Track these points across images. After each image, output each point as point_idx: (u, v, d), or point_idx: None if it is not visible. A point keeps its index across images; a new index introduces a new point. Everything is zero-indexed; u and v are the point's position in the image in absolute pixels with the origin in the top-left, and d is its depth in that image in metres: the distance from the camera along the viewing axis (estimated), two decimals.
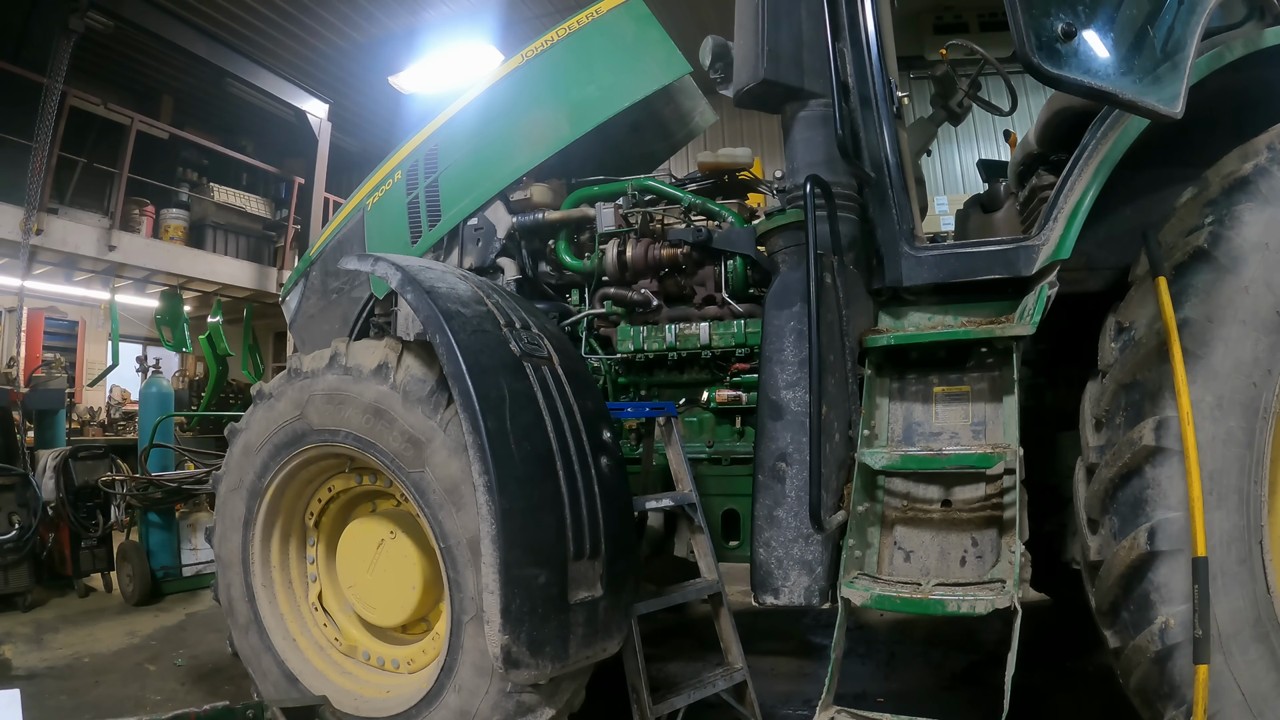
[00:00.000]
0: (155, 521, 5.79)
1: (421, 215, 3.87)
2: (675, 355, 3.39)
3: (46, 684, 3.88)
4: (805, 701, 3.38)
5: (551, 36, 3.73)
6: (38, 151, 8.60)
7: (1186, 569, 2.02)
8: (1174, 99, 2.04)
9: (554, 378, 2.53)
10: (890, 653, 4.14)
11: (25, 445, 5.91)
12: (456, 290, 2.60)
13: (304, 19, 10.33)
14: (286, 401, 2.90)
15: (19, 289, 8.95)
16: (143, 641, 4.59)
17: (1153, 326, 2.17)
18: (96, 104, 9.88)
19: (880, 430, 2.67)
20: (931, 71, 3.83)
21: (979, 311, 2.70)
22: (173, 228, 11.18)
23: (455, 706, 2.49)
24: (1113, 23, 2.06)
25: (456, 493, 2.47)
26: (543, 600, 2.25)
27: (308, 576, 3.17)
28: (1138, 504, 2.10)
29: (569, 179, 3.86)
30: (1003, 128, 7.45)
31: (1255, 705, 2.02)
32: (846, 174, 2.77)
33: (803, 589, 2.52)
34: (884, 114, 2.68)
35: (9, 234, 8.61)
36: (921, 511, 2.55)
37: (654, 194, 3.64)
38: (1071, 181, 2.46)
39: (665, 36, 3.57)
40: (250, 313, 10.76)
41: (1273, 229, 2.14)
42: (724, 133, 11.38)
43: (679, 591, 2.91)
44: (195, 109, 12.74)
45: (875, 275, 2.78)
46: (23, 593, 5.40)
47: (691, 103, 4.04)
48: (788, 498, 2.56)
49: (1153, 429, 2.09)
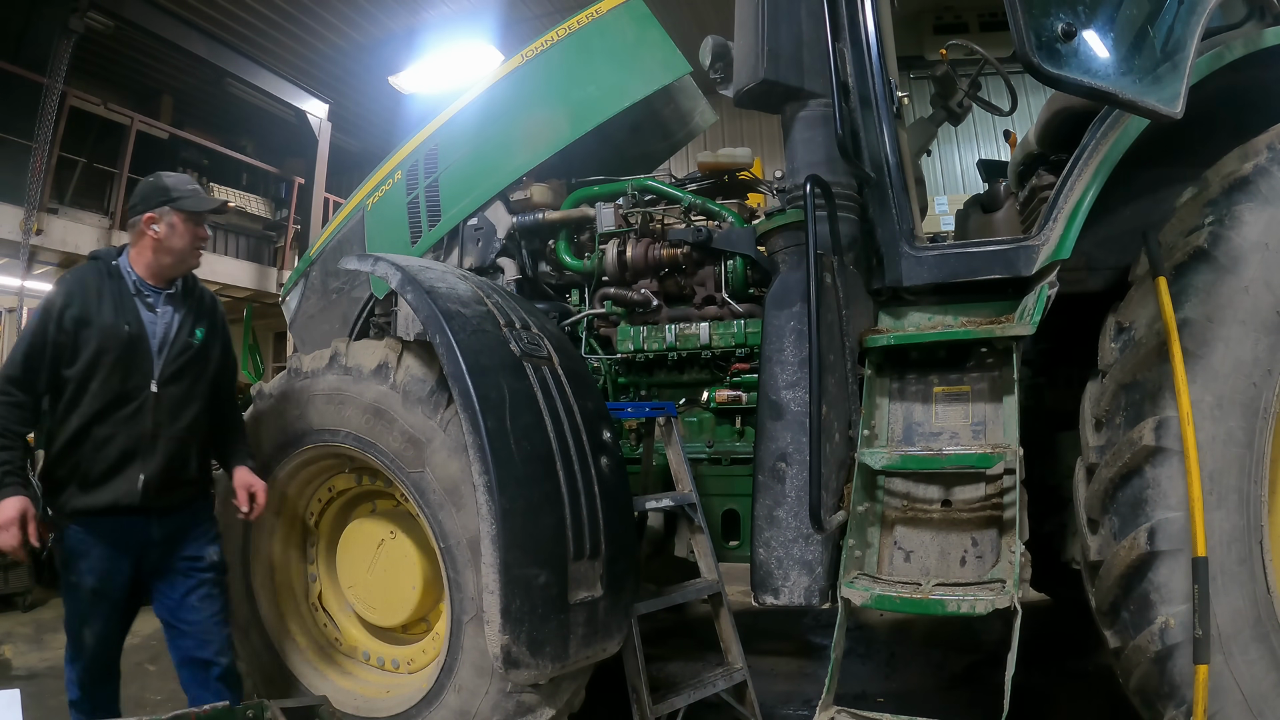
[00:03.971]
0: None
1: (421, 215, 3.87)
2: (675, 355, 3.39)
3: (46, 684, 3.88)
4: (805, 701, 3.38)
5: (551, 36, 3.73)
6: (38, 151, 8.60)
7: (1186, 569, 2.02)
8: (1174, 99, 2.04)
9: (554, 378, 2.53)
10: (890, 653, 4.14)
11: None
12: (456, 290, 2.60)
13: (304, 19, 10.32)
14: (286, 401, 2.90)
15: (19, 289, 8.95)
16: (143, 641, 4.58)
17: (1153, 326, 2.17)
18: (96, 104, 9.87)
19: (880, 430, 2.67)
20: (931, 71, 3.83)
21: (979, 311, 2.70)
22: None
23: (455, 706, 2.49)
24: (1113, 23, 2.06)
25: (456, 493, 2.47)
26: (543, 600, 2.25)
27: (308, 576, 3.17)
28: (1138, 504, 2.10)
29: (569, 179, 3.86)
30: (1003, 128, 7.44)
31: (1255, 705, 2.02)
32: (846, 174, 2.77)
33: (803, 589, 2.52)
34: (884, 114, 2.68)
35: (9, 234, 8.61)
36: (921, 511, 2.55)
37: (654, 194, 3.64)
38: (1071, 181, 2.46)
39: (665, 36, 3.57)
40: (250, 313, 10.74)
41: (1273, 229, 2.14)
42: (724, 133, 11.37)
43: (679, 591, 2.91)
44: (195, 109, 12.72)
45: (875, 275, 2.78)
46: (23, 593, 5.40)
47: (691, 103, 4.04)
48: (788, 498, 2.56)
49: (1153, 429, 2.09)
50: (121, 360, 2.41)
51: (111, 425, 2.41)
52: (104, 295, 2.45)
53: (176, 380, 2.50)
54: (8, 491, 2.30)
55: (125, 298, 2.48)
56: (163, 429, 2.45)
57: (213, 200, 2.68)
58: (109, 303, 2.45)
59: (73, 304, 2.42)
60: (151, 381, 2.45)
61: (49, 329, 2.40)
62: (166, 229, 2.49)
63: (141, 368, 2.45)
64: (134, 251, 2.54)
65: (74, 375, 2.40)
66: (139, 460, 2.43)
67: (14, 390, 2.38)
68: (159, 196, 2.50)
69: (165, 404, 2.46)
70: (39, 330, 2.41)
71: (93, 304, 2.43)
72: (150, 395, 2.44)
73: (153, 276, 2.53)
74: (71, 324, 2.40)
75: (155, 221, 2.49)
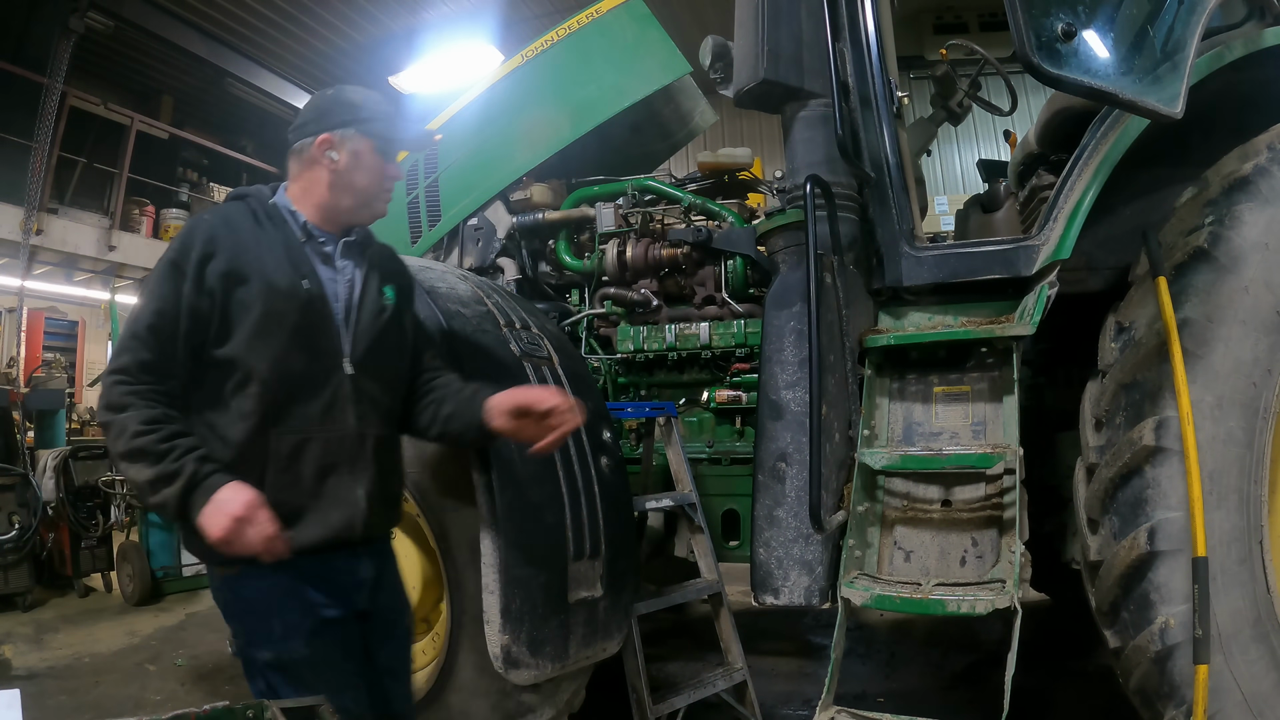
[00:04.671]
0: (155, 522, 5.78)
1: (421, 215, 3.87)
2: (675, 355, 3.39)
3: (46, 684, 3.88)
4: (805, 701, 3.38)
5: (551, 36, 3.73)
6: (38, 151, 8.61)
7: (1186, 569, 2.02)
8: (1174, 99, 2.04)
9: (554, 378, 2.53)
10: (890, 653, 4.14)
11: (25, 445, 5.92)
12: (456, 290, 2.60)
13: (304, 19, 10.32)
14: None
15: (19, 289, 8.96)
16: (143, 641, 4.59)
17: (1153, 326, 2.17)
18: (96, 104, 9.89)
19: (880, 430, 2.67)
20: (931, 71, 3.83)
21: (979, 311, 2.69)
22: (173, 228, 11.19)
23: (455, 706, 2.49)
24: (1113, 23, 2.06)
25: (456, 493, 2.47)
26: (543, 600, 2.25)
27: None
28: (1138, 504, 2.10)
29: (569, 179, 3.86)
30: (1003, 128, 7.44)
31: (1255, 705, 2.02)
32: (846, 174, 2.76)
33: (803, 589, 2.52)
34: (884, 114, 2.68)
35: (9, 234, 8.62)
36: (921, 511, 2.54)
37: (654, 194, 3.64)
38: (1071, 181, 2.46)
39: (665, 36, 3.57)
40: None
41: (1273, 229, 2.14)
42: (724, 133, 11.38)
43: (679, 591, 2.91)
44: (195, 109, 12.72)
45: (875, 275, 2.78)
46: (23, 593, 5.40)
47: (691, 103, 4.04)
48: (788, 498, 2.56)
49: (1153, 429, 2.09)
50: (302, 332, 1.72)
51: (301, 425, 1.71)
52: (262, 242, 1.75)
53: (373, 357, 1.83)
54: (218, 479, 1.58)
55: (293, 246, 1.78)
56: (369, 426, 1.79)
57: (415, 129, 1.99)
58: (273, 252, 1.74)
59: (217, 252, 1.68)
60: (344, 360, 1.77)
61: (182, 289, 1.65)
62: (349, 158, 1.82)
63: (328, 342, 1.77)
64: (296, 187, 1.86)
65: (232, 356, 1.68)
66: (351, 472, 1.76)
67: (148, 378, 1.62)
68: (342, 113, 1.84)
69: (365, 391, 1.79)
70: (167, 291, 1.65)
71: (249, 253, 1.71)
72: (345, 380, 1.76)
73: (326, 221, 1.85)
74: (218, 281, 1.66)
75: (333, 146, 1.81)
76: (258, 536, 1.55)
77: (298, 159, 1.86)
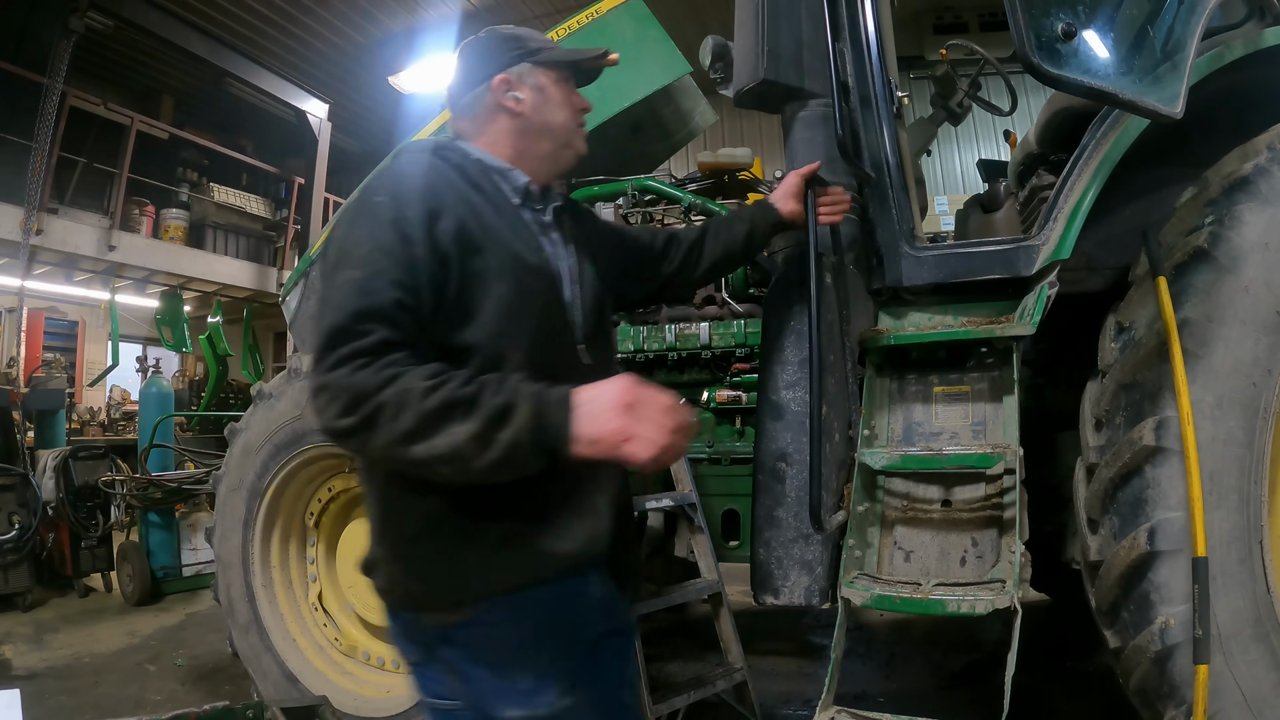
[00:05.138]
0: (155, 522, 5.79)
1: None
2: (675, 355, 3.39)
3: (46, 684, 3.88)
4: (805, 701, 3.38)
5: (551, 37, 3.72)
6: (38, 151, 8.61)
7: (1186, 569, 2.02)
8: (1174, 99, 2.04)
9: None
10: (890, 653, 4.14)
11: (25, 445, 5.93)
12: None
13: (304, 19, 10.32)
14: (287, 401, 2.90)
15: (19, 289, 8.96)
16: (143, 641, 4.59)
17: (1153, 326, 2.17)
18: (96, 104, 9.88)
19: (880, 430, 2.67)
20: (931, 71, 3.83)
21: (979, 311, 2.69)
22: (173, 228, 11.19)
23: None
24: (1113, 23, 2.06)
25: None
26: None
27: (308, 576, 3.17)
28: (1138, 504, 2.10)
29: (569, 179, 3.86)
30: (1003, 128, 7.45)
31: (1255, 705, 2.02)
32: (846, 174, 2.76)
33: (803, 589, 2.52)
34: (884, 114, 2.68)
35: (9, 234, 8.62)
36: (921, 511, 2.54)
37: (654, 194, 3.64)
38: (1071, 181, 2.46)
39: (665, 36, 3.56)
40: (250, 313, 10.76)
41: (1273, 229, 2.14)
42: (724, 133, 11.37)
43: (679, 591, 2.91)
44: (195, 109, 12.73)
45: (875, 275, 2.78)
46: (23, 593, 5.41)
47: (691, 103, 4.03)
48: (788, 498, 2.56)
49: (1153, 429, 2.09)
50: (545, 313, 1.44)
51: None
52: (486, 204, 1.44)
53: (599, 340, 1.57)
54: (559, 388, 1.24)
55: (509, 211, 1.48)
56: None
57: (589, 51, 1.64)
58: (501, 216, 1.45)
59: (444, 212, 1.34)
60: (578, 348, 1.50)
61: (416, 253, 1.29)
62: (534, 95, 1.55)
63: (564, 325, 1.49)
64: (484, 141, 1.55)
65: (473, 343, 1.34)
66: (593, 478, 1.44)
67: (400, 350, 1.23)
68: (509, 49, 1.58)
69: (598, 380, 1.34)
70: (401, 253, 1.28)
71: (482, 218, 1.40)
72: (583, 370, 1.46)
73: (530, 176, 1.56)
74: (454, 245, 1.33)
75: (513, 86, 1.54)
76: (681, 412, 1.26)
77: (470, 116, 1.57)
